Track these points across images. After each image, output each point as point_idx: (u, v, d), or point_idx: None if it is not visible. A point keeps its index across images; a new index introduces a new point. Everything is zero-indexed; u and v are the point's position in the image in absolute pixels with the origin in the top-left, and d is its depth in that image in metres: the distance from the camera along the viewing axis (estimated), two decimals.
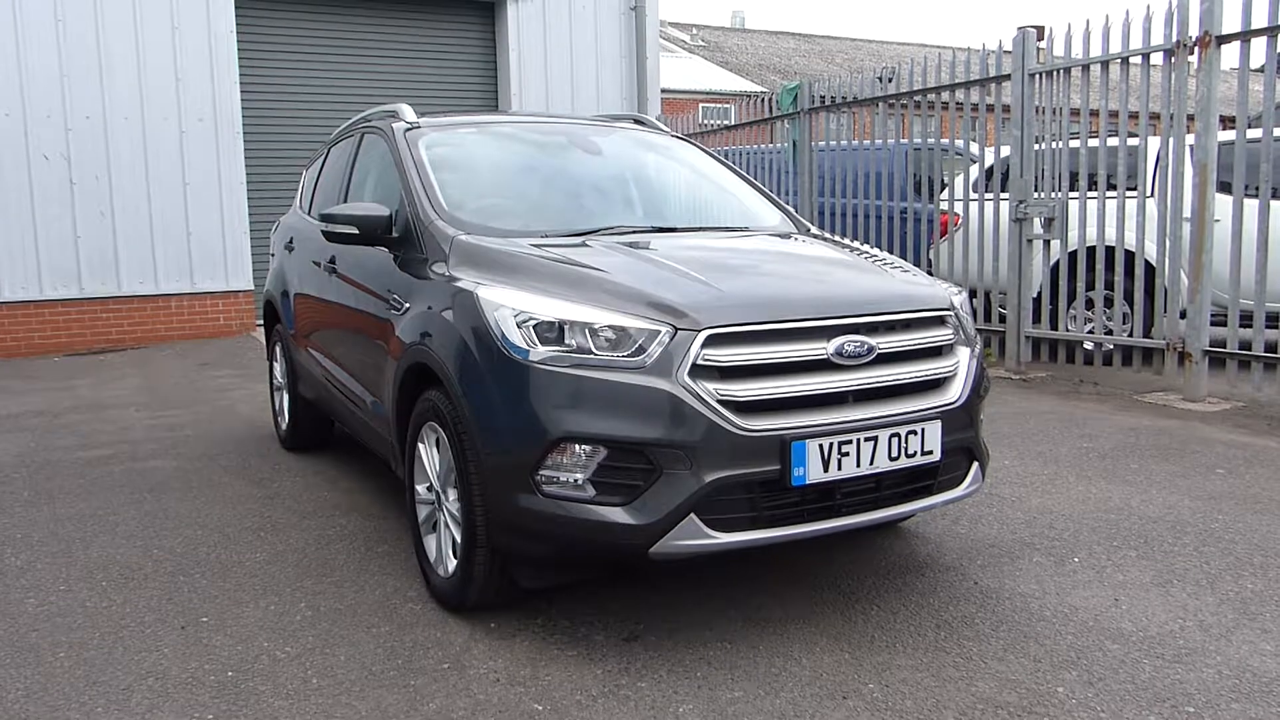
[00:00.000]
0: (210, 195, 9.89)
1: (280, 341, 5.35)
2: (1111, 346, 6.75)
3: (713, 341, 2.62)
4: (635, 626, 2.95)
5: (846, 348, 2.74)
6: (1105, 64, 6.49)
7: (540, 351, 2.68)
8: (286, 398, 5.26)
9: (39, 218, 9.23)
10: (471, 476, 2.81)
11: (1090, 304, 6.97)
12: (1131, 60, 6.34)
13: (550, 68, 11.46)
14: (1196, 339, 5.99)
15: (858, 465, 2.69)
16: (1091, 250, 6.79)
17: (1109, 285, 6.78)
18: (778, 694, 2.55)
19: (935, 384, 2.94)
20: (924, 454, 2.81)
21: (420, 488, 3.25)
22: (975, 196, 7.59)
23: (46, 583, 3.43)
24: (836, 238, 3.90)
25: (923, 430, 2.80)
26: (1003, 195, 7.30)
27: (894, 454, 2.75)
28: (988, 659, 2.72)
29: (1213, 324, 6.06)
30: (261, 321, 6.11)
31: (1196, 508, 3.98)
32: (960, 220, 7.80)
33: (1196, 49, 5.86)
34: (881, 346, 2.81)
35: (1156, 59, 6.23)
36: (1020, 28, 6.91)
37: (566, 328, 2.69)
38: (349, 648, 2.85)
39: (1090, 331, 6.94)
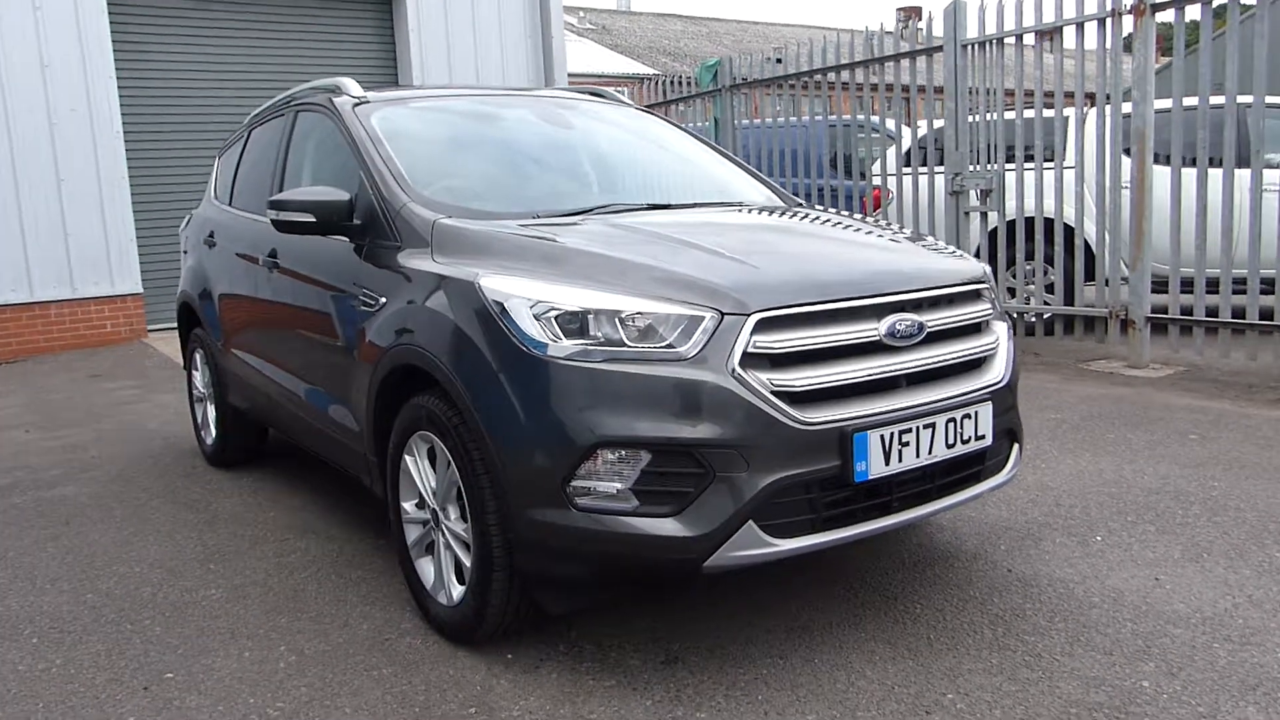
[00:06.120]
0: (89, 193, 9.03)
1: (201, 348, 4.82)
2: (1051, 316, 6.77)
3: (762, 326, 2.34)
4: (671, 646, 2.66)
5: (898, 327, 2.50)
6: (1039, 34, 6.47)
7: (564, 346, 2.35)
8: (212, 409, 4.73)
9: None
10: (485, 491, 2.47)
11: (1031, 275, 6.98)
12: (1065, 30, 6.34)
13: (453, 51, 10.92)
14: (1139, 306, 6.05)
15: (917, 455, 2.46)
16: (1029, 221, 6.78)
17: (1048, 259, 6.78)
18: (854, 714, 2.30)
19: (979, 363, 2.74)
20: (977, 439, 2.61)
21: (408, 505, 2.88)
22: (909, 170, 7.52)
23: None
24: (837, 213, 3.66)
25: (976, 413, 2.59)
26: (938, 169, 7.25)
27: (950, 441, 2.53)
28: (1057, 654, 2.54)
29: (1153, 291, 6.14)
30: (154, 327, 5.51)
31: (1188, 475, 3.93)
32: (892, 195, 7.74)
33: (1131, 16, 5.88)
34: (930, 324, 2.58)
35: (1091, 27, 6.24)
36: None
37: (591, 317, 2.37)
38: (352, 697, 2.47)
39: (1028, 301, 6.94)
